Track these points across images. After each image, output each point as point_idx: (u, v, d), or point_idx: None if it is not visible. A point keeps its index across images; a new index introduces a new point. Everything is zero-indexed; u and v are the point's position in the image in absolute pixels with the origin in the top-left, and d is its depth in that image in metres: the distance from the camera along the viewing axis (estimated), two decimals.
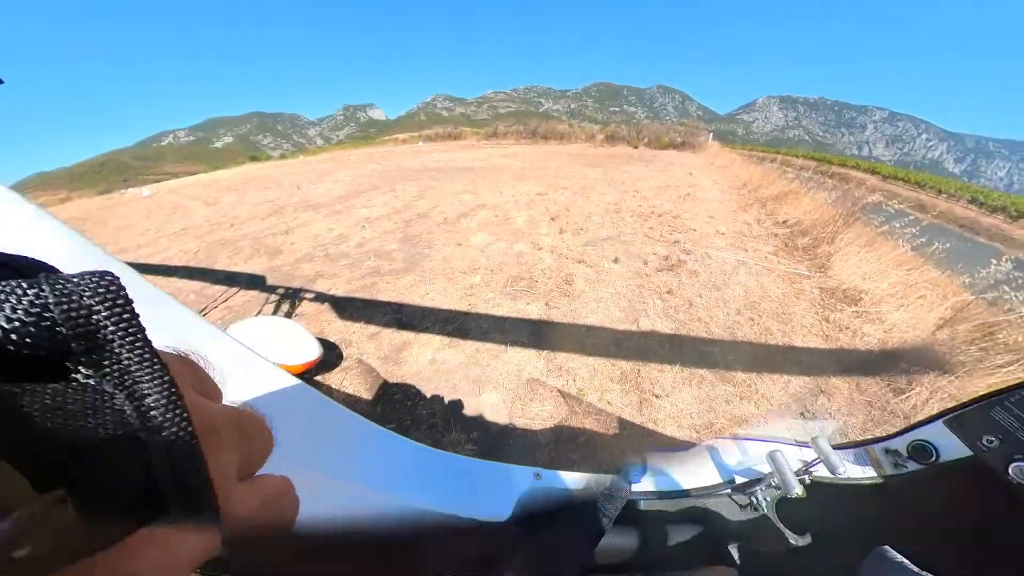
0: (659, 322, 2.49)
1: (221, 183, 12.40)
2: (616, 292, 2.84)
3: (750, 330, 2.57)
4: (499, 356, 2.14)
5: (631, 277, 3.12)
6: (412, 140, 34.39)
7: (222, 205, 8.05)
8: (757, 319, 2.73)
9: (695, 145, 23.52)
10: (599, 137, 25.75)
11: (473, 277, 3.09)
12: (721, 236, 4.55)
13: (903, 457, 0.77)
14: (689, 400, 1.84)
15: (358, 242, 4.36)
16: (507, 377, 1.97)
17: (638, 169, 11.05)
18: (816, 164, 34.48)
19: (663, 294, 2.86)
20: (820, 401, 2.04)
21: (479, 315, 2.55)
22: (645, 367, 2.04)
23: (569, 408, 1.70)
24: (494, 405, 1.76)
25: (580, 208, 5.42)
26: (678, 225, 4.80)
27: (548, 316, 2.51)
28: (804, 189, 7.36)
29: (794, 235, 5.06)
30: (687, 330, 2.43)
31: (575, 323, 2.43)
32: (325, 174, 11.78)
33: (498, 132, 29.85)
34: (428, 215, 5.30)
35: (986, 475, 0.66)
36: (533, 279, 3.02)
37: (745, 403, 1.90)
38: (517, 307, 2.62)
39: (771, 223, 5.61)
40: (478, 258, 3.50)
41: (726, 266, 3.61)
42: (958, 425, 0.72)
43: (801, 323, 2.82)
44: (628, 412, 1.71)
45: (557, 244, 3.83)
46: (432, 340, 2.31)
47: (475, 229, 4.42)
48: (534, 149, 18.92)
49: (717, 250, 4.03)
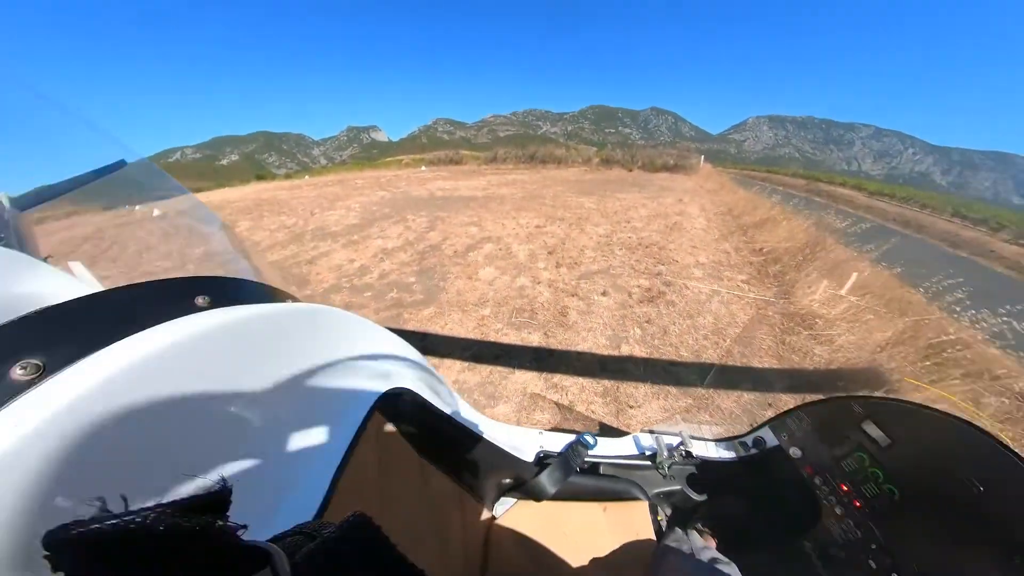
0: (637, 347, 3.03)
1: (232, 204, 12.92)
2: (603, 322, 3.40)
3: (714, 352, 3.10)
4: (508, 377, 2.68)
5: (617, 308, 3.68)
6: (415, 163, 35.71)
7: (240, 230, 8.48)
8: (722, 343, 3.26)
9: (687, 167, 24.51)
10: (595, 161, 26.85)
11: (484, 309, 3.66)
12: (700, 267, 5.13)
13: (748, 447, 1.18)
14: (656, 409, 2.37)
15: (379, 274, 4.92)
16: (515, 393, 2.50)
17: (631, 196, 11.78)
18: (806, 183, 35.21)
19: (643, 323, 3.41)
20: (767, 412, 2.54)
21: (490, 343, 3.10)
22: (623, 384, 2.57)
23: (562, 415, 2.24)
24: (505, 414, 2.29)
25: (575, 241, 6.05)
26: (663, 256, 5.40)
27: (547, 344, 3.06)
28: (784, 215, 7.99)
29: (767, 263, 5.64)
30: (660, 354, 2.97)
31: (568, 349, 2.97)
32: (336, 199, 12.46)
33: (498, 157, 31.05)
34: (440, 248, 5.90)
35: (782, 456, 1.09)
36: (534, 311, 3.59)
37: (702, 412, 2.43)
38: (521, 336, 3.18)
39: (748, 251, 6.21)
40: (487, 291, 4.08)
41: (701, 296, 4.17)
42: (774, 427, 1.15)
43: (760, 346, 3.35)
44: (608, 418, 2.24)
45: (554, 278, 4.41)
46: (454, 364, 2.85)
47: (482, 263, 5.02)
48: (533, 175, 19.80)
49: (695, 281, 4.60)
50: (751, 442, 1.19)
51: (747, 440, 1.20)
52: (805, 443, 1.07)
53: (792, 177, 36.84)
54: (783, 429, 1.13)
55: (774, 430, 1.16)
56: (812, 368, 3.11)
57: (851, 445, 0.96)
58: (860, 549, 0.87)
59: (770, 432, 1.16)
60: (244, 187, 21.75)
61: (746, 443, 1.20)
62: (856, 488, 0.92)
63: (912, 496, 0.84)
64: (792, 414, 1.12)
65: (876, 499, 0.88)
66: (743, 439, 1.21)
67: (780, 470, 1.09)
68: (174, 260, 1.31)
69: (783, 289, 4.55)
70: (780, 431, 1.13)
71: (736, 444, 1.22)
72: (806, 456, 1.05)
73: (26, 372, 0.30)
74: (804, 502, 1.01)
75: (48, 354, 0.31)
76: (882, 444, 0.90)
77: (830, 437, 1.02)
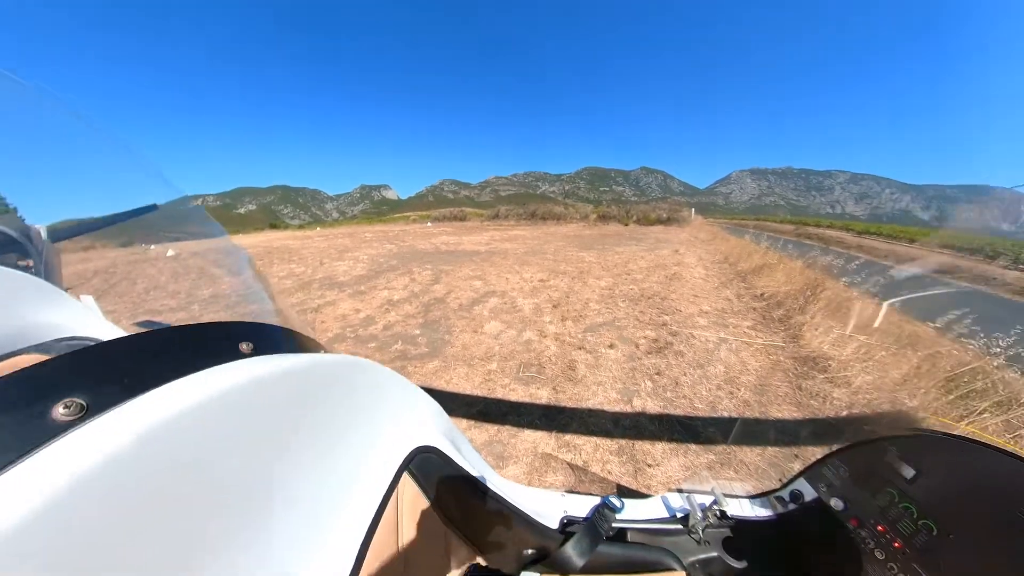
0: (649, 401, 2.94)
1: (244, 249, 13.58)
2: (613, 376, 3.34)
3: (730, 403, 2.99)
4: (516, 435, 2.57)
5: (625, 361, 3.64)
6: (421, 219, 37.65)
7: None
8: (736, 392, 3.16)
9: (680, 220, 25.66)
10: (592, 217, 28.23)
11: (490, 364, 3.62)
12: (704, 315, 5.15)
13: (785, 501, 1.10)
14: (677, 467, 2.23)
15: (384, 325, 4.93)
16: (524, 453, 2.38)
17: (629, 249, 12.19)
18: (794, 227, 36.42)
19: (653, 375, 3.35)
20: (795, 464, 2.39)
21: (497, 399, 3.02)
22: (639, 441, 2.45)
23: (576, 477, 2.10)
24: (516, 476, 2.16)
25: (579, 294, 6.15)
26: (666, 307, 5.45)
27: (556, 400, 2.98)
28: (779, 259, 8.17)
29: (770, 307, 5.66)
30: (674, 407, 2.87)
31: (579, 406, 2.89)
32: (345, 251, 12.92)
33: (500, 214, 32.78)
34: (445, 300, 5.99)
35: (821, 507, 1.03)
36: (541, 365, 3.54)
37: (726, 468, 2.28)
38: (529, 391, 3.11)
39: (749, 297, 6.27)
40: (492, 345, 4.07)
41: (709, 344, 4.13)
42: (809, 478, 1.09)
43: (776, 393, 3.24)
44: (625, 479, 2.10)
45: (560, 331, 4.42)
46: (460, 422, 2.76)
47: (488, 317, 5.07)
48: (533, 231, 20.68)
49: (701, 329, 4.59)
50: (788, 496, 1.12)
51: (783, 495, 1.13)
52: (845, 492, 1.01)
53: (781, 223, 38.14)
54: (819, 479, 1.07)
55: (809, 481, 1.10)
56: (834, 414, 2.99)
57: (882, 484, 0.93)
58: None
59: (806, 483, 1.11)
60: (257, 235, 22.46)
61: (783, 498, 1.12)
62: (892, 527, 0.87)
63: (951, 528, 0.80)
64: (827, 462, 1.08)
65: (913, 537, 0.83)
66: (779, 494, 1.14)
67: (821, 523, 1.02)
68: (201, 300, 1.33)
69: (790, 333, 4.51)
70: (816, 481, 1.08)
71: (772, 500, 1.14)
72: (848, 507, 0.99)
73: (69, 412, 0.29)
74: (850, 554, 0.94)
75: (92, 394, 0.30)
76: (907, 477, 0.87)
77: (867, 482, 0.98)
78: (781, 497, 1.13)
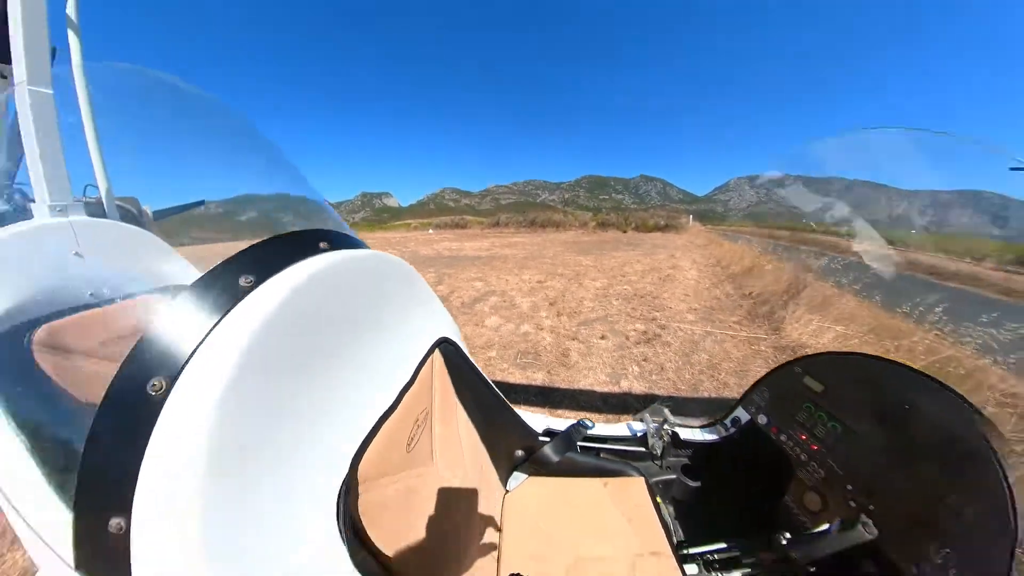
0: (636, 383, 3.22)
1: None
2: (603, 362, 3.62)
3: (710, 384, 3.27)
4: None
5: (615, 350, 3.92)
6: (422, 226, 38.14)
7: None
8: (717, 376, 3.43)
9: (678, 226, 26.06)
10: (591, 224, 28.65)
11: (490, 352, 3.91)
12: (693, 312, 5.44)
13: (728, 427, 1.36)
14: None
15: None
16: None
17: (626, 254, 12.51)
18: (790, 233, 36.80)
19: (640, 361, 3.63)
20: None
21: (496, 381, 3.29)
22: (624, 416, 2.73)
23: None
24: None
25: (574, 294, 6.46)
26: (657, 304, 5.74)
27: (550, 382, 3.26)
28: (770, 262, 8.46)
29: (757, 304, 5.94)
30: (658, 388, 3.15)
31: (571, 387, 3.16)
32: None
33: (500, 222, 33.27)
34: (448, 299, 6.28)
35: (754, 427, 1.27)
36: (537, 353, 3.83)
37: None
38: (526, 375, 3.39)
39: (738, 296, 6.56)
40: (493, 336, 4.36)
41: (695, 336, 4.41)
42: (744, 404, 1.35)
43: (754, 376, 3.50)
44: None
45: (556, 325, 4.72)
46: None
47: (488, 313, 5.37)
48: (532, 238, 21.04)
49: (688, 324, 4.88)
50: (730, 423, 1.37)
51: (726, 422, 1.39)
52: (769, 410, 1.26)
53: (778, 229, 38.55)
54: (751, 404, 1.33)
55: (745, 408, 1.36)
56: None
57: (800, 400, 1.16)
58: (828, 486, 1.03)
59: (742, 410, 1.36)
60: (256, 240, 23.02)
61: (726, 424, 1.39)
62: (811, 433, 1.10)
63: (851, 426, 1.02)
64: (756, 389, 1.34)
65: (826, 438, 1.06)
66: (723, 421, 1.40)
67: (756, 440, 1.27)
68: None
69: (773, 326, 4.79)
70: (749, 406, 1.34)
71: (719, 427, 1.40)
72: (771, 420, 1.25)
73: (248, 282, 0.48)
74: (780, 462, 1.17)
75: (256, 272, 0.50)
76: (818, 391, 1.12)
77: (785, 399, 1.22)
78: (724, 423, 1.41)
